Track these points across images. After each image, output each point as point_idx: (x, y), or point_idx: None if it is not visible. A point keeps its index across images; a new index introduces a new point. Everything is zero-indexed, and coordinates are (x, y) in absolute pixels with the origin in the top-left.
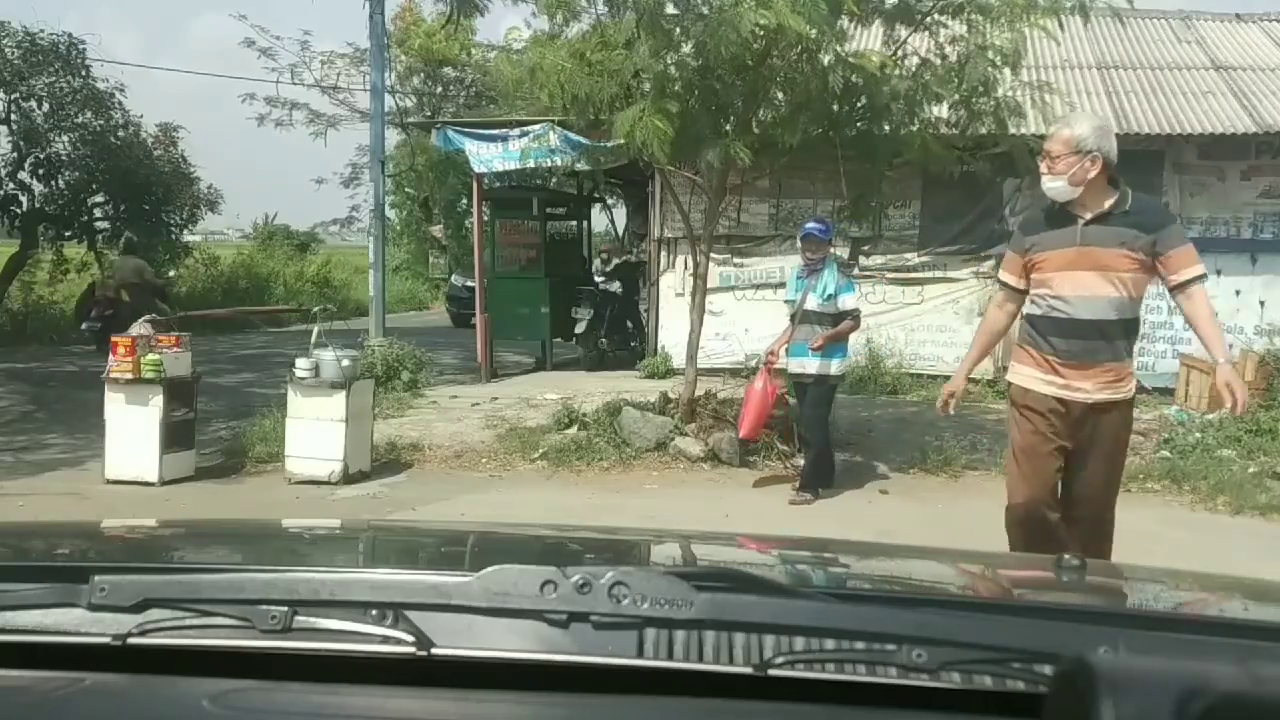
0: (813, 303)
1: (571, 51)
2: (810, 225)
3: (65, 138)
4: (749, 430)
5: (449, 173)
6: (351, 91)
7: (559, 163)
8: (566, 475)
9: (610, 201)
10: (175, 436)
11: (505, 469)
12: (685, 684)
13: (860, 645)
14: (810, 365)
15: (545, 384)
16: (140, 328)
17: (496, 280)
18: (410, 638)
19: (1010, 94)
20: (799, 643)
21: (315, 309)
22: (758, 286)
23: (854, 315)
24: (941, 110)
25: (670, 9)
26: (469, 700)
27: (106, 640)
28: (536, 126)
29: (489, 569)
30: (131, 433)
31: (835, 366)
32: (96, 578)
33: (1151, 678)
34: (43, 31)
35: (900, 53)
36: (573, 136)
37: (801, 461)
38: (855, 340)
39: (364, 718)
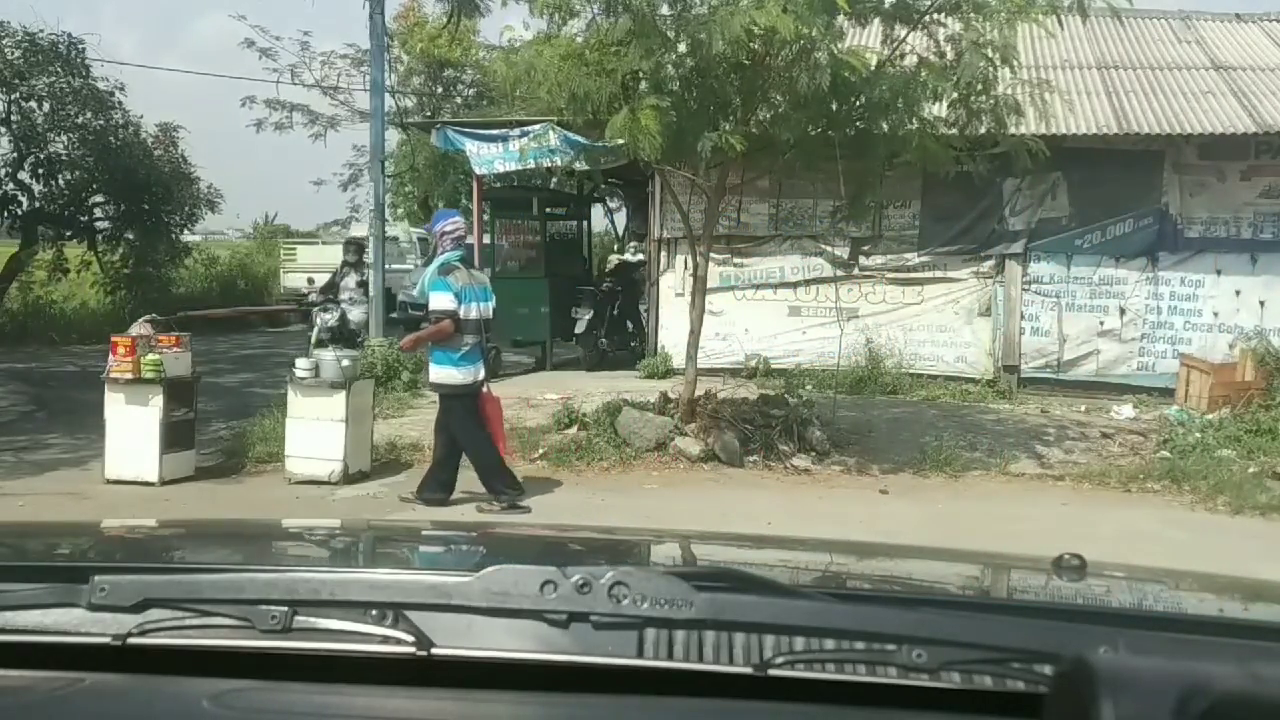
0: None
1: (568, 51)
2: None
3: (65, 138)
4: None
5: (447, 172)
6: (351, 92)
7: (558, 163)
8: (566, 475)
9: (611, 203)
10: (175, 436)
11: None
12: (685, 684)
13: (860, 645)
14: None
15: (545, 384)
16: (140, 328)
17: (496, 280)
18: (410, 638)
19: (1009, 93)
20: (799, 643)
21: (316, 309)
22: (757, 286)
23: (436, 317)
24: (940, 109)
25: (665, 9)
26: (469, 700)
27: (106, 640)
28: (536, 126)
29: (489, 569)
30: (131, 433)
31: (432, 373)
32: (96, 578)
33: (1151, 677)
34: (42, 32)
35: (899, 52)
36: (572, 136)
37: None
38: (854, 339)
39: (364, 718)
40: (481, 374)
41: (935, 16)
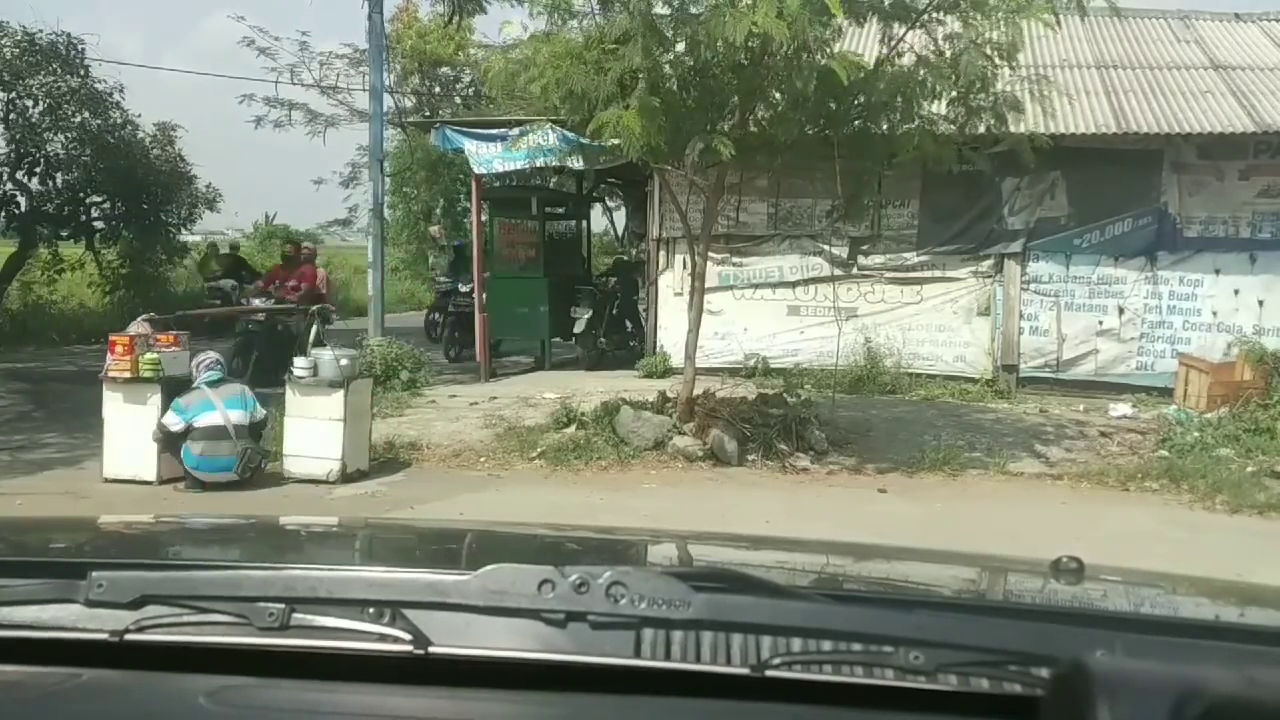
0: None
1: (567, 50)
2: None
3: (62, 137)
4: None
5: (445, 171)
6: (350, 92)
7: (556, 162)
8: (565, 474)
9: (610, 203)
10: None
11: (503, 468)
12: (683, 684)
13: (857, 647)
14: None
15: (544, 383)
16: (138, 327)
17: (496, 280)
18: (407, 636)
19: (1009, 89)
20: (796, 644)
21: (314, 309)
22: (756, 286)
23: None
24: (939, 107)
25: (663, 9)
26: (466, 699)
27: (104, 636)
28: (534, 126)
29: (487, 568)
30: (130, 432)
31: None
32: (94, 574)
33: (1147, 681)
34: (41, 32)
35: (897, 50)
36: (570, 135)
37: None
38: (852, 339)
39: (361, 715)
40: None
41: (934, 15)
